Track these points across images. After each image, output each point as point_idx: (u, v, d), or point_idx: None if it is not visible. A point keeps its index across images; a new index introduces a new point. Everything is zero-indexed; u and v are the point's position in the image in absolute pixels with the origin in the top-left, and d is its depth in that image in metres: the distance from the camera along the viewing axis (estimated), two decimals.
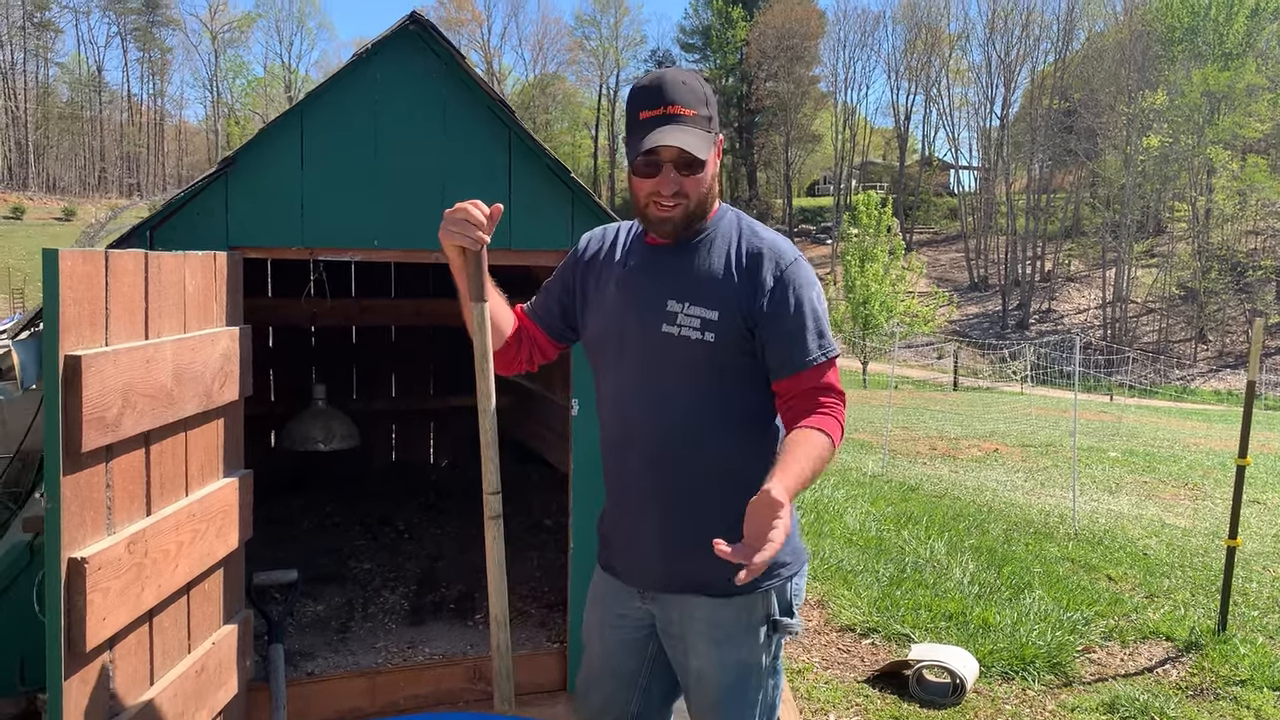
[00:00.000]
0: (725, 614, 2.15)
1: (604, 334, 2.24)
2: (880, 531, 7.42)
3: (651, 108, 2.02)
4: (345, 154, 3.29)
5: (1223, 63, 52.83)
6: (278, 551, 5.32)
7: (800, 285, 2.08)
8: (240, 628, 3.24)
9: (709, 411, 2.12)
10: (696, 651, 2.18)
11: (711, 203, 2.14)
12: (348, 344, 7.09)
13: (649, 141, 1.99)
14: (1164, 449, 14.17)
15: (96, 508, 2.34)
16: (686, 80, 2.05)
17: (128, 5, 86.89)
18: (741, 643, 2.16)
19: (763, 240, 2.14)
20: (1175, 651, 5.07)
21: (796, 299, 2.07)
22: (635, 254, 2.23)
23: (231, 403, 3.11)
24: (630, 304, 2.17)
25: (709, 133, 2.04)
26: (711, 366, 2.09)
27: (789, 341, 2.05)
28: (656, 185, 2.04)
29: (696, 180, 2.05)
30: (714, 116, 2.07)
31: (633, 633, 2.30)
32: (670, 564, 2.16)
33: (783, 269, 2.08)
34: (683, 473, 2.13)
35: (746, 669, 2.17)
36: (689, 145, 1.98)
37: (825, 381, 2.07)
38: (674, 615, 2.21)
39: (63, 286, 2.17)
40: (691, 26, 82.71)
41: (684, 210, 2.07)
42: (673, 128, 1.99)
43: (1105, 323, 52.76)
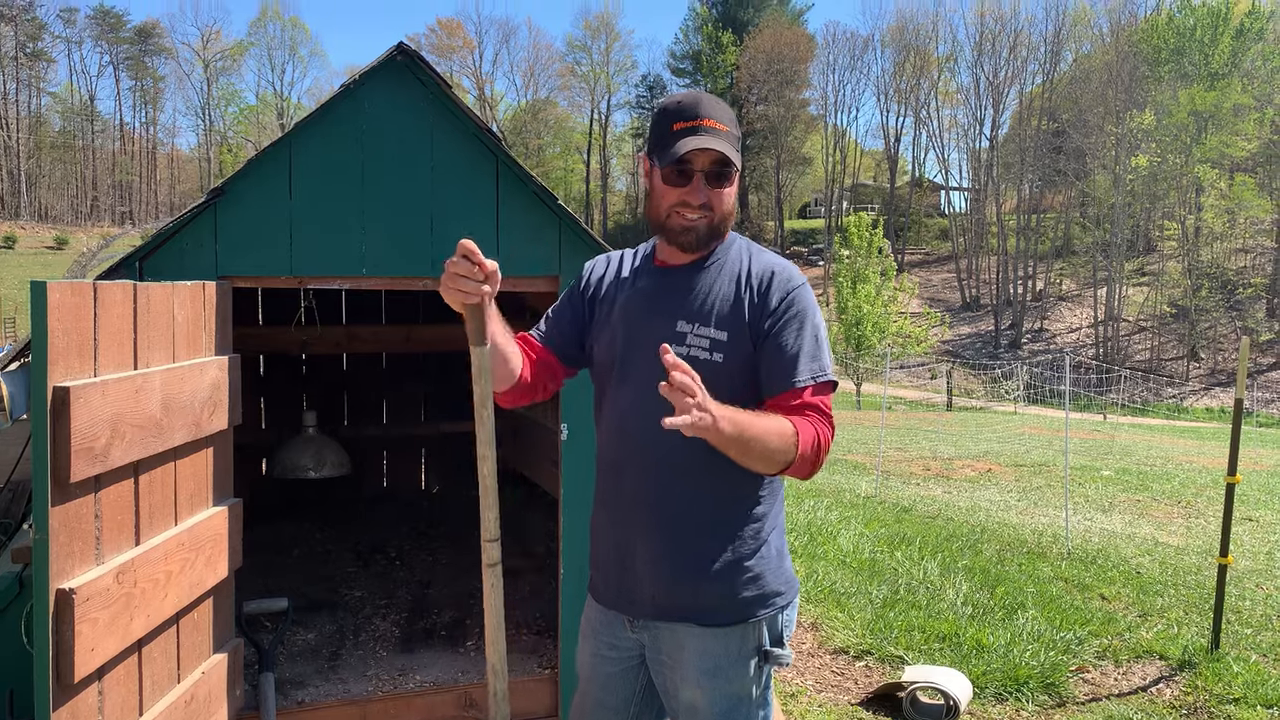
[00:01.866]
0: (716, 645, 2.13)
1: (610, 355, 2.24)
2: (874, 553, 7.42)
3: (687, 119, 2.07)
4: (334, 183, 3.31)
5: (1209, 83, 53.29)
6: (268, 579, 5.31)
7: (805, 309, 2.11)
8: (230, 657, 3.24)
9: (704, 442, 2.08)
10: (687, 682, 2.16)
11: (731, 222, 2.17)
12: (338, 371, 7.09)
13: (683, 146, 2.03)
14: (1157, 467, 14.19)
15: (85, 538, 2.34)
16: (718, 101, 2.12)
17: (120, 35, 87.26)
18: (732, 674, 2.14)
19: (772, 264, 2.17)
20: (1169, 670, 5.07)
21: (800, 322, 2.09)
22: (644, 276, 2.25)
23: (221, 431, 3.12)
24: (640, 325, 2.18)
25: (737, 149, 2.10)
26: (716, 388, 2.02)
27: (785, 361, 2.06)
28: (684, 195, 2.08)
29: (723, 195, 2.10)
30: (740, 140, 2.13)
31: (623, 664, 2.29)
32: (664, 589, 2.14)
33: (790, 291, 2.11)
34: (681, 496, 2.12)
35: (737, 700, 2.15)
36: (725, 149, 2.04)
37: (814, 401, 2.05)
38: (664, 644, 2.19)
39: (51, 318, 2.18)
40: (682, 51, 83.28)
41: (708, 223, 2.11)
42: (708, 136, 2.04)
43: (1097, 341, 52.90)
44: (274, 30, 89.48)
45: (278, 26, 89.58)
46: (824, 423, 2.04)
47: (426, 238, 3.42)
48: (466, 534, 6.46)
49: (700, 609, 2.12)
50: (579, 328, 2.34)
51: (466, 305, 2.00)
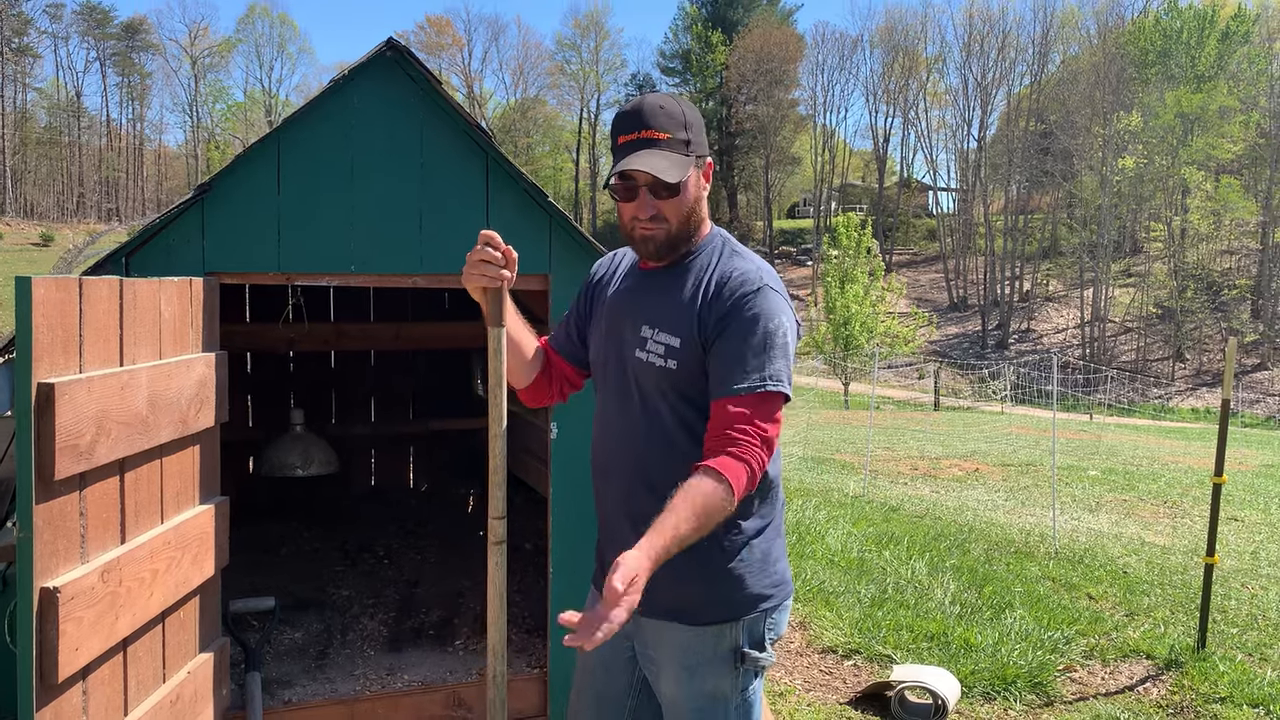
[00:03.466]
0: (694, 642, 2.13)
1: (596, 357, 2.26)
2: (862, 552, 7.43)
3: (628, 132, 2.03)
4: (322, 179, 3.29)
5: (1195, 85, 53.59)
6: (255, 578, 5.28)
7: (760, 313, 2.00)
8: (216, 656, 3.21)
9: (676, 438, 2.10)
10: (667, 677, 2.18)
11: (697, 224, 2.13)
12: (326, 369, 7.06)
13: (620, 166, 2.01)
14: (1143, 467, 14.26)
15: (70, 536, 2.31)
16: (664, 105, 2.04)
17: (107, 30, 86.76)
18: (708, 673, 2.14)
19: (734, 267, 2.09)
20: (1155, 670, 5.09)
21: (750, 325, 1.99)
22: (628, 278, 2.25)
23: (207, 429, 3.09)
24: (615, 328, 2.19)
25: (686, 155, 2.02)
26: (675, 394, 2.07)
27: (728, 363, 1.98)
28: (634, 210, 2.06)
29: (675, 203, 2.05)
30: (694, 139, 2.05)
31: (619, 654, 2.29)
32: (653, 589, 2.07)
33: (745, 294, 2.02)
34: (653, 499, 2.06)
35: (713, 700, 2.15)
36: (657, 169, 1.97)
37: (752, 414, 1.93)
38: (648, 639, 2.21)
39: (35, 314, 2.16)
40: (671, 50, 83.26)
41: (666, 232, 2.07)
42: (645, 152, 1.99)
43: (1084, 342, 53.13)
44: (262, 27, 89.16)
45: (266, 23, 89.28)
46: (755, 443, 1.92)
47: (415, 235, 3.40)
48: (455, 533, 6.44)
49: (681, 608, 2.12)
50: (583, 332, 2.35)
51: (488, 290, 2.07)
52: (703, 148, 2.09)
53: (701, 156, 2.09)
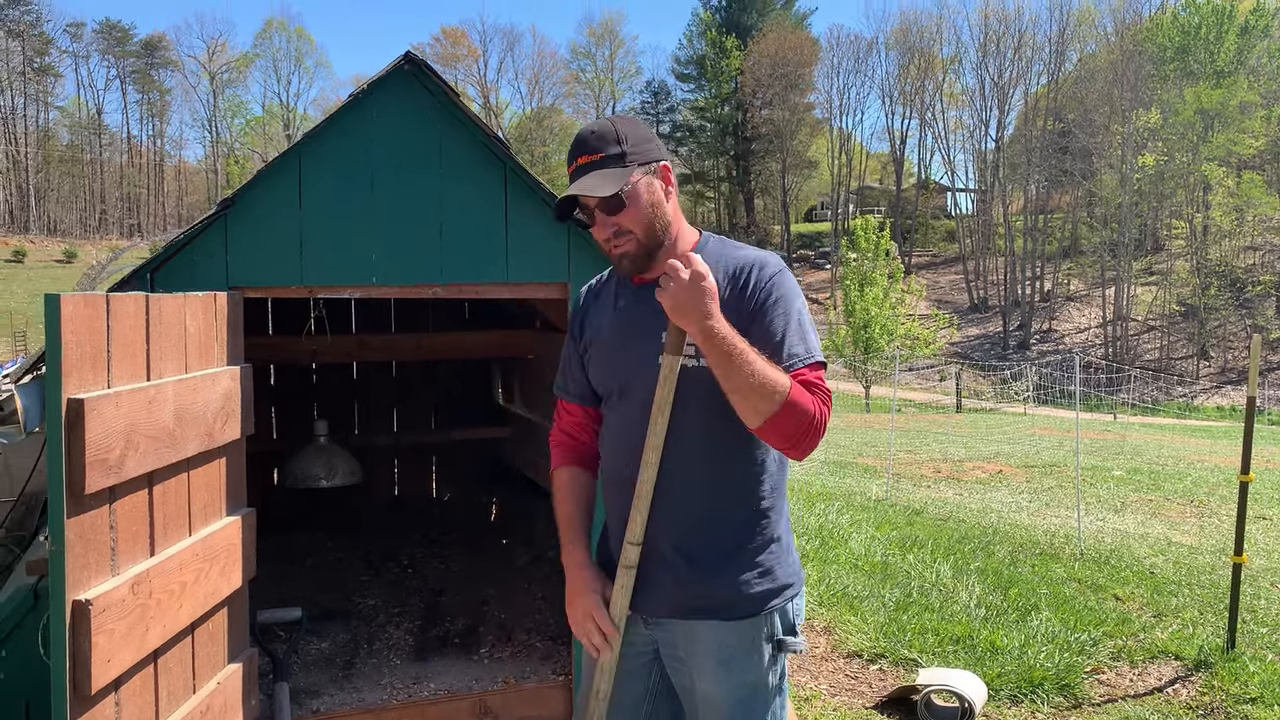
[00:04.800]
0: (731, 637, 2.17)
1: (608, 376, 2.29)
2: (886, 556, 7.40)
3: (569, 166, 2.15)
4: (343, 193, 3.32)
5: (1215, 80, 53.13)
6: (282, 589, 5.32)
7: (786, 293, 2.14)
8: (245, 667, 3.24)
9: (713, 437, 2.15)
10: (704, 674, 2.20)
11: (666, 227, 2.18)
12: (349, 380, 7.10)
13: (561, 196, 2.14)
14: (1168, 467, 14.13)
15: (100, 549, 2.35)
16: (595, 129, 2.14)
17: (126, 48, 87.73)
18: (747, 664, 2.18)
19: (748, 254, 2.21)
20: (1184, 671, 5.05)
21: (784, 306, 2.12)
22: (625, 295, 2.29)
23: (233, 441, 3.13)
24: (629, 344, 2.21)
25: (623, 167, 2.10)
26: (711, 391, 2.09)
27: (774, 345, 2.07)
28: (598, 232, 2.16)
29: (631, 213, 2.12)
30: (631, 150, 2.12)
31: (636, 660, 2.30)
32: (680, 590, 2.18)
33: (770, 276, 2.15)
34: (692, 500, 2.16)
35: (753, 690, 2.19)
36: (588, 189, 2.07)
37: (811, 379, 2.07)
38: (680, 641, 2.23)
39: (64, 330, 2.19)
40: (686, 57, 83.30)
41: (635, 243, 2.14)
42: (581, 180, 2.10)
43: (1106, 341, 52.76)
44: (279, 41, 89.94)
45: (283, 38, 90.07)
46: (822, 397, 2.06)
47: (436, 246, 3.43)
48: (478, 541, 6.46)
49: (715, 605, 2.16)
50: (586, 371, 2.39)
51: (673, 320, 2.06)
52: (646, 155, 2.15)
53: (646, 163, 2.14)
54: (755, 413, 1.99)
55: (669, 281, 1.99)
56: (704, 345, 1.98)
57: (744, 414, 2.01)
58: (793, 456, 2.10)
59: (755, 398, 1.97)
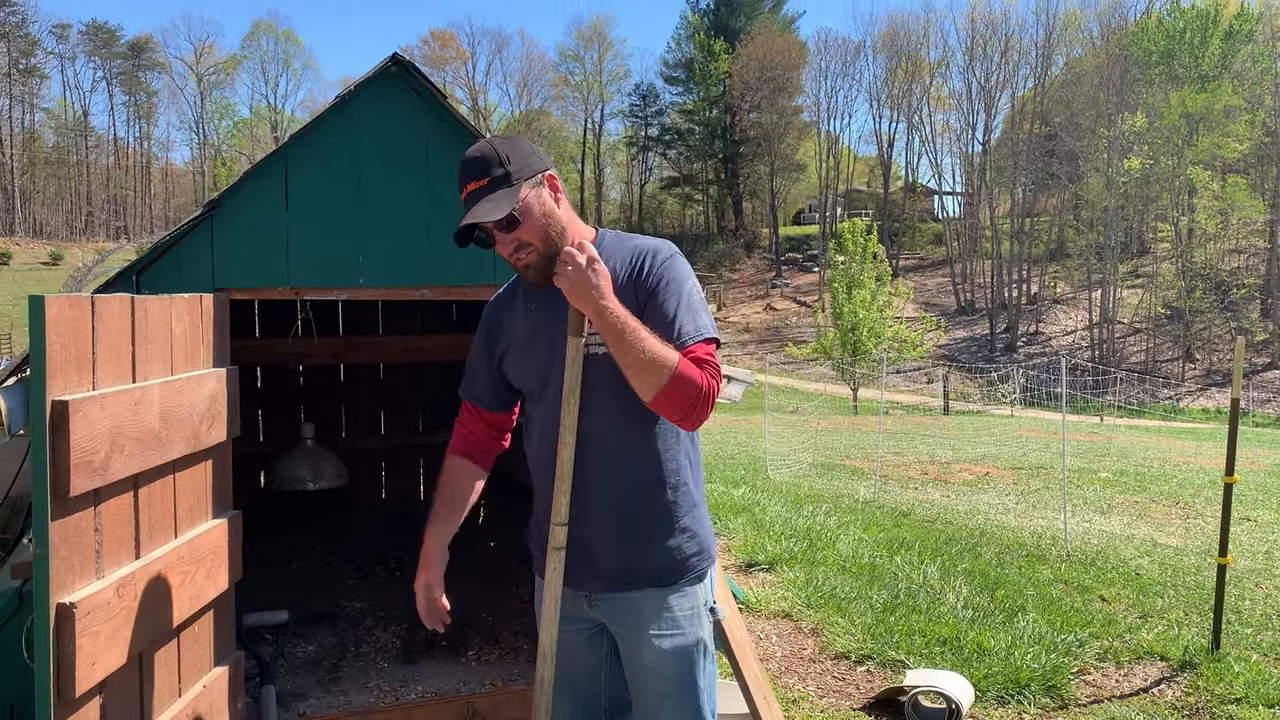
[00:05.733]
0: (670, 604, 2.34)
1: (529, 375, 2.40)
2: (873, 558, 7.42)
3: (461, 190, 2.25)
4: (330, 195, 3.32)
5: (1199, 85, 53.45)
6: (268, 592, 5.29)
7: (677, 276, 2.26)
8: (231, 670, 3.23)
9: (626, 417, 2.26)
10: (648, 643, 2.33)
11: (562, 233, 2.26)
12: (336, 382, 7.08)
13: (458, 227, 2.23)
14: (1154, 468, 14.21)
15: (85, 552, 2.33)
16: (478, 153, 2.24)
17: (113, 50, 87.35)
18: (688, 632, 2.34)
19: (643, 242, 2.35)
20: (1170, 671, 5.08)
21: (676, 288, 2.24)
22: (534, 298, 2.38)
23: (219, 444, 3.11)
24: (546, 343, 2.32)
25: (511, 185, 2.19)
26: (617, 379, 2.19)
27: (668, 324, 2.19)
28: (501, 249, 2.26)
29: (526, 227, 2.22)
30: (514, 168, 2.21)
31: (583, 634, 2.44)
32: (618, 563, 2.31)
33: (662, 261, 2.28)
34: (615, 479, 2.30)
35: (694, 655, 2.36)
36: (482, 214, 2.17)
37: (701, 356, 2.17)
38: (622, 613, 2.35)
39: (49, 332, 2.18)
40: (674, 60, 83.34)
41: (536, 254, 2.24)
42: (474, 208, 2.20)
43: (1093, 344, 52.98)
44: (267, 43, 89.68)
45: (270, 40, 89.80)
46: (714, 374, 2.18)
47: (423, 247, 3.42)
48: (464, 544, 6.44)
49: (653, 571, 2.33)
50: (498, 374, 2.50)
51: (571, 303, 2.17)
52: (529, 169, 2.24)
53: (531, 176, 2.23)
54: (647, 387, 2.10)
55: (565, 267, 2.11)
56: (598, 324, 2.10)
57: (638, 389, 2.12)
58: (684, 427, 2.24)
59: (646, 373, 2.09)
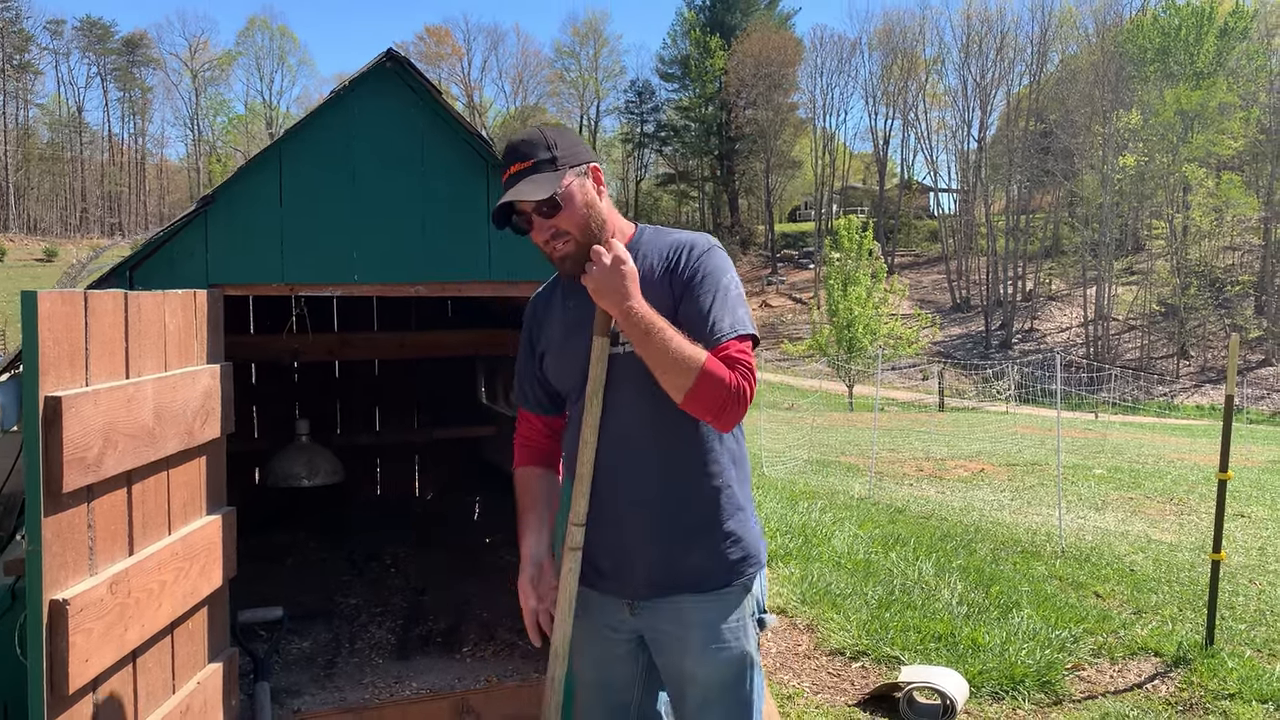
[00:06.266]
0: (714, 614, 2.25)
1: (565, 375, 2.34)
2: (868, 554, 7.42)
3: (502, 174, 2.20)
4: (324, 190, 3.31)
5: (1194, 82, 53.53)
6: (263, 588, 5.28)
7: (714, 270, 2.20)
8: (225, 666, 3.22)
9: (664, 418, 2.20)
10: (691, 653, 2.26)
11: (602, 225, 2.21)
12: (331, 379, 7.08)
13: (497, 205, 2.18)
14: (1149, 465, 14.23)
15: (78, 548, 2.33)
16: (525, 137, 2.21)
17: (107, 46, 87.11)
18: (733, 642, 2.26)
19: (680, 236, 2.29)
20: (1164, 667, 5.09)
21: (712, 282, 2.18)
22: (572, 295, 2.32)
23: (213, 440, 3.11)
24: (583, 342, 2.25)
25: (555, 170, 2.15)
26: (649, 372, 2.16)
27: (702, 320, 2.14)
28: (537, 237, 2.20)
29: (566, 215, 2.16)
30: (561, 154, 2.17)
31: (623, 646, 2.37)
32: (659, 567, 2.25)
33: (699, 255, 2.22)
34: (653, 482, 2.24)
35: (741, 665, 2.27)
36: (523, 194, 2.12)
37: (734, 353, 2.12)
38: (664, 621, 2.28)
39: (42, 328, 2.17)
40: (670, 56, 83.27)
41: (574, 244, 2.18)
42: (515, 186, 2.14)
43: (1088, 341, 53.06)
44: (262, 40, 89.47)
45: (266, 36, 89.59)
46: (746, 373, 2.12)
47: (418, 243, 3.42)
48: (461, 540, 6.45)
49: (696, 577, 2.24)
50: (544, 375, 2.43)
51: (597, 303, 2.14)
52: (576, 158, 2.20)
53: (576, 165, 2.19)
54: (676, 388, 2.07)
55: (591, 266, 2.08)
56: (623, 324, 2.08)
57: (668, 389, 2.09)
58: (718, 428, 2.19)
59: (674, 373, 2.06)
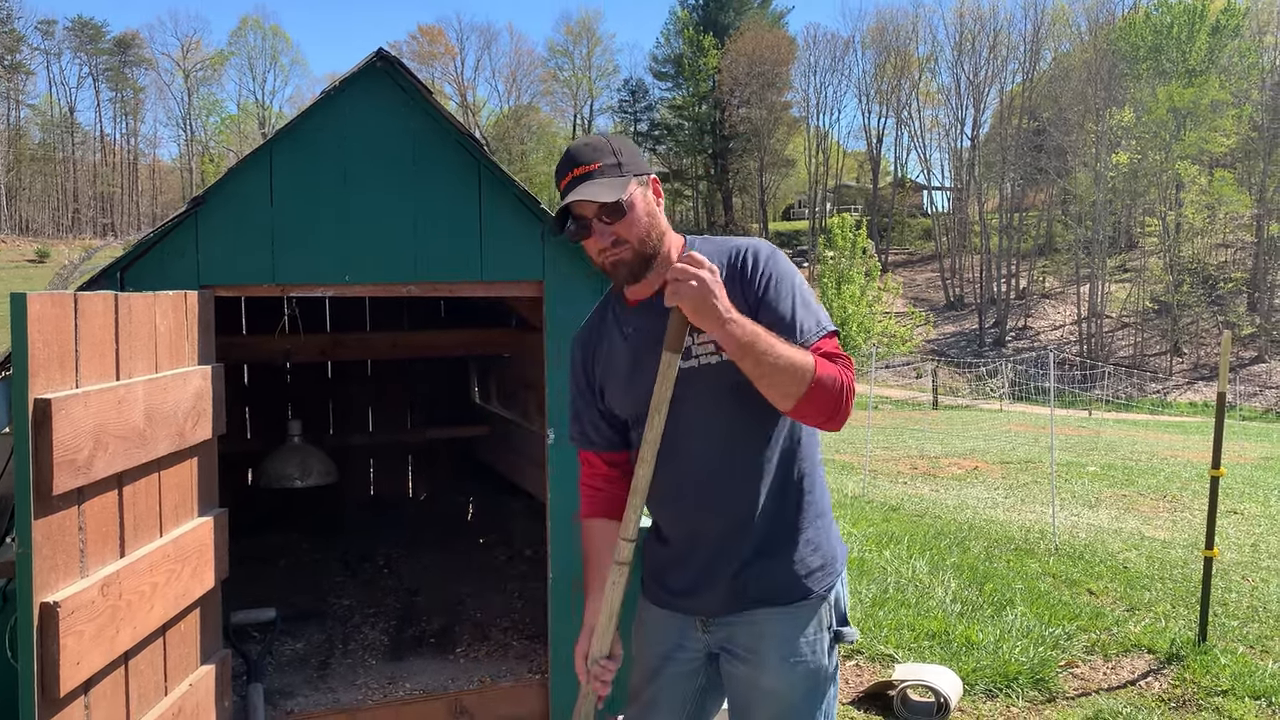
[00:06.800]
0: (793, 629, 2.22)
1: (634, 402, 2.26)
2: (862, 552, 7.43)
3: (562, 178, 2.15)
4: (315, 190, 3.30)
5: (1186, 79, 53.68)
6: (256, 589, 5.28)
7: (785, 272, 2.17)
8: (218, 668, 3.22)
9: (741, 428, 2.19)
10: (769, 668, 2.23)
11: (660, 236, 2.18)
12: (324, 379, 7.06)
13: (560, 205, 2.13)
14: (1142, 462, 14.27)
15: (69, 551, 2.32)
16: (589, 142, 2.17)
17: (99, 46, 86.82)
18: (810, 656, 2.23)
19: (739, 242, 2.24)
20: (1157, 664, 5.10)
21: (787, 284, 2.15)
22: (629, 321, 2.28)
23: (205, 441, 3.10)
24: (648, 363, 2.18)
25: (621, 176, 2.11)
26: (734, 384, 2.11)
27: (786, 325, 2.10)
28: (595, 243, 2.14)
29: (627, 222, 2.12)
30: (626, 161, 2.14)
31: (690, 665, 2.36)
32: (737, 581, 2.22)
33: (765, 260, 2.18)
34: (732, 494, 2.20)
35: (816, 680, 2.24)
36: (592, 195, 2.07)
37: (829, 350, 2.10)
38: (741, 637, 2.26)
39: (31, 330, 2.17)
40: (663, 55, 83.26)
41: (631, 251, 2.14)
42: (580, 187, 2.09)
43: (1081, 338, 53.17)
44: (254, 39, 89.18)
45: (258, 35, 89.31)
46: (844, 364, 2.08)
47: (410, 244, 3.41)
48: (454, 541, 6.44)
49: (774, 589, 2.21)
50: (607, 409, 2.37)
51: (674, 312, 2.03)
52: (639, 167, 2.17)
53: (640, 174, 2.17)
54: (786, 396, 2.01)
55: (680, 284, 1.94)
56: (724, 340, 1.97)
57: (775, 399, 2.02)
58: (830, 429, 2.12)
59: (784, 381, 1.99)
